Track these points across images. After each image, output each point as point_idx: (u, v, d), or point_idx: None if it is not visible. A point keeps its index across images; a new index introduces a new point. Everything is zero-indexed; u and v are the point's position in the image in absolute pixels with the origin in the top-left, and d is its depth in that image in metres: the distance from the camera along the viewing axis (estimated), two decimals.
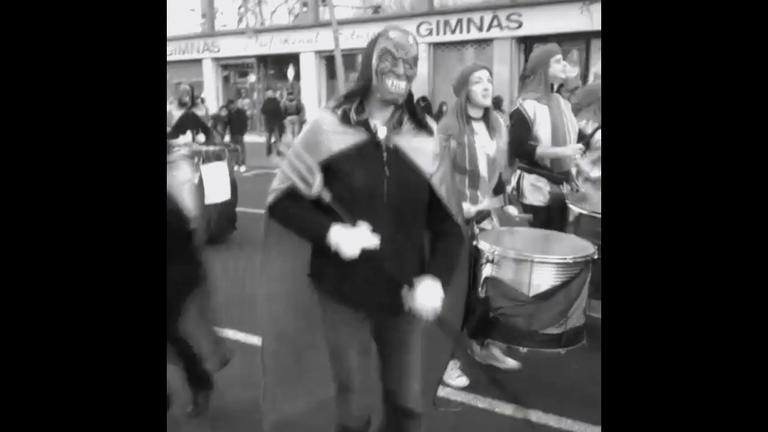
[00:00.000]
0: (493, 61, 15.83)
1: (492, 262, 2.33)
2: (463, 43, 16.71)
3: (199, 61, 20.60)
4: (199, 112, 6.65)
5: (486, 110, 2.75)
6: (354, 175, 1.63)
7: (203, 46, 20.56)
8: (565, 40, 14.17)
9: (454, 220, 1.78)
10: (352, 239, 1.59)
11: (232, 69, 21.37)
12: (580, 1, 12.94)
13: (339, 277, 1.70)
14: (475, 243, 2.42)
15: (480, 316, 2.37)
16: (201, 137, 5.96)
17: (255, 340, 3.24)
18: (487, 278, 2.36)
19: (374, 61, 1.62)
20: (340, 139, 1.65)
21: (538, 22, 14.85)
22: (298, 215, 1.70)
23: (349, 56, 16.71)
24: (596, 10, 12.62)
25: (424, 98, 14.38)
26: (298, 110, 16.93)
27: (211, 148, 6.01)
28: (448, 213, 1.76)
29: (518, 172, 3.32)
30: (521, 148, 3.13)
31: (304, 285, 1.82)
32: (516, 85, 15.34)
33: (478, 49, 16.51)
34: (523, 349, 2.42)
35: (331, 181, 1.64)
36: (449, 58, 16.85)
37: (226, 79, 21.40)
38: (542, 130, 3.14)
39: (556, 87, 3.26)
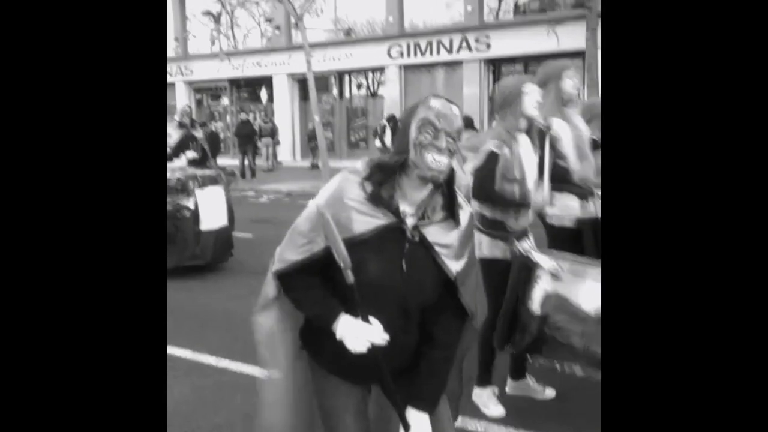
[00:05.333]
0: (462, 83, 16.14)
1: (550, 274, 2.29)
2: (433, 65, 16.97)
3: (171, 84, 20.30)
4: (198, 134, 6.58)
5: (530, 122, 2.72)
6: (368, 264, 1.44)
7: (176, 69, 20.29)
8: (532, 61, 14.57)
9: (459, 325, 1.60)
10: (360, 335, 1.43)
11: (205, 92, 21.19)
12: (546, 24, 13.32)
13: (337, 355, 1.50)
14: (528, 256, 2.38)
15: (535, 331, 2.33)
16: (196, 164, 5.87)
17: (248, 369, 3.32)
18: (544, 291, 2.31)
19: (412, 133, 1.43)
20: (363, 220, 1.45)
21: (506, 43, 15.22)
22: (306, 293, 1.54)
23: (321, 78, 16.72)
24: (562, 32, 13.01)
25: (392, 117, 13.80)
26: (273, 133, 16.85)
27: (207, 172, 5.92)
28: (457, 316, 1.58)
29: None
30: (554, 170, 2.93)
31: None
32: (486, 106, 15.65)
33: (448, 71, 16.78)
34: (580, 372, 2.33)
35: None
36: (420, 80, 17.08)
37: (199, 102, 21.15)
38: (567, 148, 3.01)
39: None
